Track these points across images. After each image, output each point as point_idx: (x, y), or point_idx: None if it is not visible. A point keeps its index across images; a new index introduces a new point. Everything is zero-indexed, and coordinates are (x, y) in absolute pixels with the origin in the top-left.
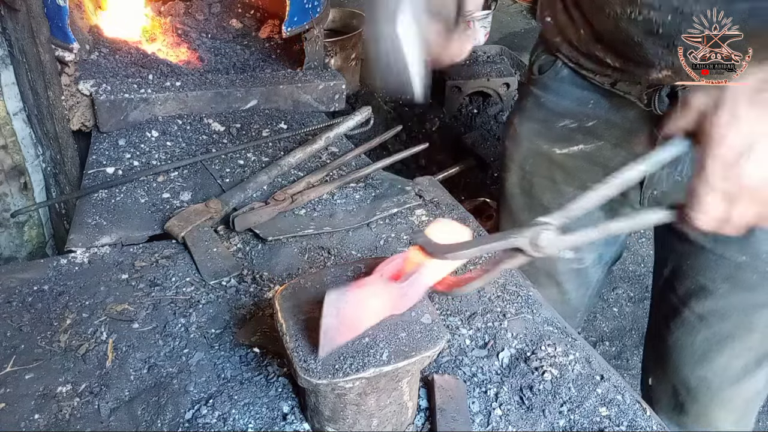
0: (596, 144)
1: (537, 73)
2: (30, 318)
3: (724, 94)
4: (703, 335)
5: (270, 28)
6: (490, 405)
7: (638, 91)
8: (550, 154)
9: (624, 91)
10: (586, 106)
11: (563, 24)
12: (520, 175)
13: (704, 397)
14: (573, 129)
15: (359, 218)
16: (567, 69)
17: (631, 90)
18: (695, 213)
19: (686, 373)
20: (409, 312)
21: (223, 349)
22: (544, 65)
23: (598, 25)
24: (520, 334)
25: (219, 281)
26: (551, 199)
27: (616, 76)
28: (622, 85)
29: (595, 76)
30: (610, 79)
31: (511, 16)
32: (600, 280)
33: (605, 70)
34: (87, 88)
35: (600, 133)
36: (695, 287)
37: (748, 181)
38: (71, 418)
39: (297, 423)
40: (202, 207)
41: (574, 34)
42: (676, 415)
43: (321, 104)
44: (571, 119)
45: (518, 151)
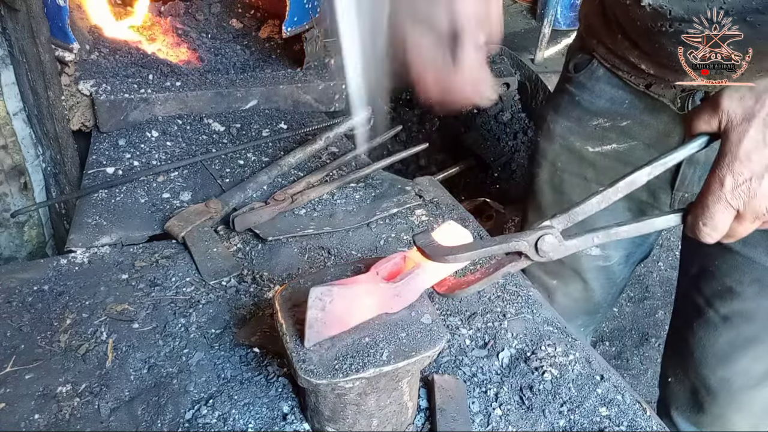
0: (629, 144)
1: (573, 72)
2: (30, 318)
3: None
4: (726, 337)
5: (270, 28)
6: (490, 405)
7: (672, 94)
8: (582, 151)
9: (658, 94)
10: (620, 106)
11: (601, 28)
12: (551, 171)
13: (724, 399)
14: (606, 128)
15: (359, 218)
16: (603, 69)
17: (666, 93)
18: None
19: (707, 374)
20: (408, 312)
21: (223, 349)
22: (580, 64)
23: (632, 34)
24: (520, 334)
25: (219, 281)
26: (581, 196)
27: (650, 79)
28: (657, 87)
29: (630, 77)
30: (645, 81)
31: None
32: (626, 278)
33: (640, 73)
34: (87, 88)
35: (633, 133)
36: (722, 288)
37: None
38: (71, 418)
39: (297, 423)
40: (202, 207)
41: (611, 38)
42: (695, 414)
43: (321, 104)
44: (605, 118)
45: (551, 148)
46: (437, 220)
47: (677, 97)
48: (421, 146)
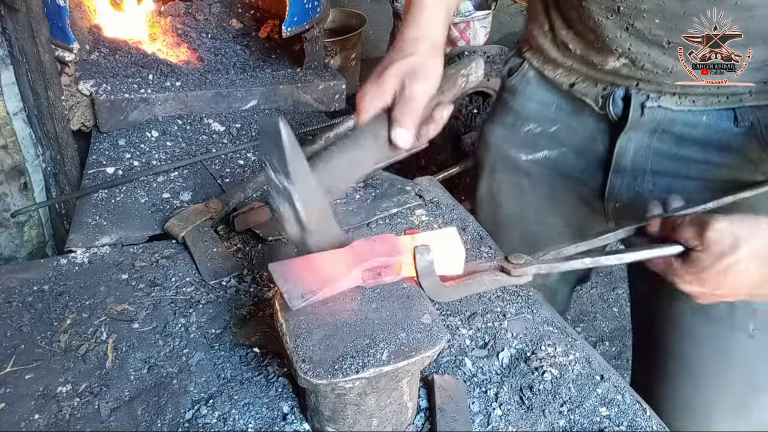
0: (560, 150)
1: (507, 75)
2: (30, 318)
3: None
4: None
5: (270, 28)
6: (490, 405)
7: (594, 93)
8: (516, 160)
9: (581, 93)
10: (549, 109)
11: (538, 11)
12: (488, 183)
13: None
14: (537, 134)
15: (359, 218)
16: (533, 70)
17: (588, 92)
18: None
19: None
20: (408, 312)
21: (223, 349)
22: (513, 68)
23: (565, 6)
24: (520, 334)
25: (219, 281)
26: (516, 209)
27: (575, 74)
28: (580, 86)
29: (556, 75)
30: (569, 79)
31: (511, 16)
32: (567, 298)
33: (566, 61)
34: (87, 88)
35: (562, 138)
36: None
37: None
38: (71, 418)
39: (297, 423)
40: (202, 207)
41: (545, 18)
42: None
43: (321, 104)
44: (536, 123)
45: (488, 158)
46: (437, 220)
47: (599, 96)
48: (422, 146)
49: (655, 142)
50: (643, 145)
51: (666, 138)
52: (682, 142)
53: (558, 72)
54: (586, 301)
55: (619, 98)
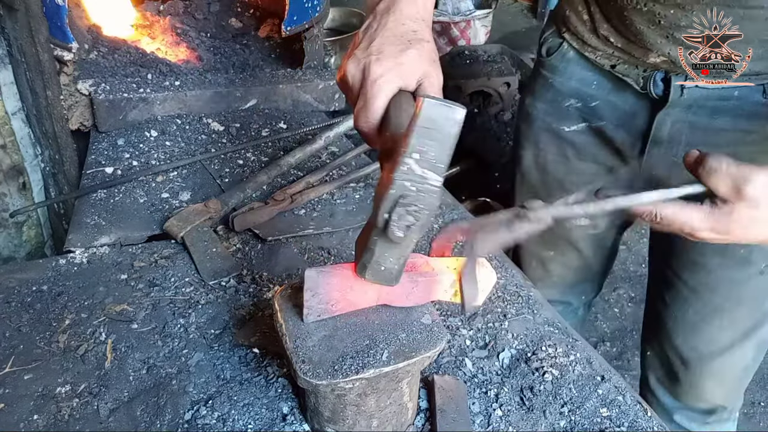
0: (600, 123)
1: (545, 55)
2: (29, 318)
3: None
4: (694, 307)
5: (269, 27)
6: (491, 406)
7: (635, 74)
8: (559, 131)
9: (622, 74)
10: (589, 86)
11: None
12: (534, 152)
13: (695, 368)
14: (578, 108)
15: (359, 218)
16: (573, 50)
17: (629, 73)
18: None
19: (679, 343)
20: (408, 313)
21: (222, 350)
22: (551, 47)
23: (605, 9)
24: (521, 335)
25: (218, 281)
26: (564, 174)
27: (615, 58)
28: (621, 67)
29: (596, 57)
30: (611, 61)
31: (511, 15)
32: (616, 242)
33: (607, 49)
34: (86, 87)
35: (602, 113)
36: (688, 261)
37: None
38: (70, 418)
39: (297, 424)
40: (202, 207)
41: (585, 10)
42: (672, 385)
43: (321, 104)
44: (576, 99)
45: (531, 130)
46: (437, 220)
47: (640, 77)
48: None
49: (691, 116)
50: (680, 119)
51: (701, 112)
52: (715, 114)
53: (598, 54)
54: None
55: (659, 80)
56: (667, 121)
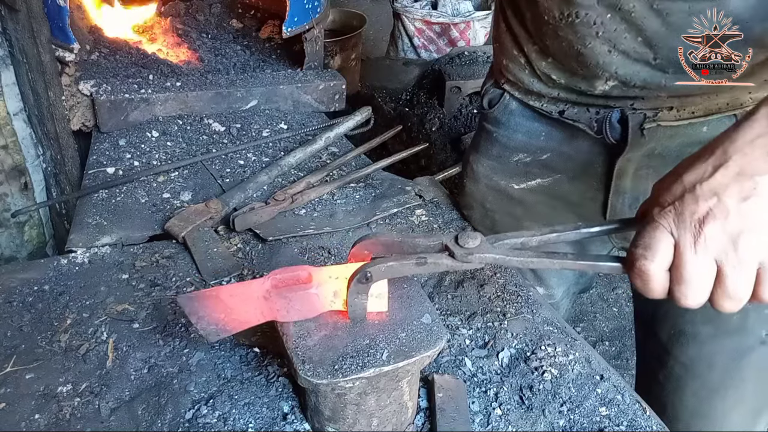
0: (553, 177)
1: (487, 107)
2: (30, 318)
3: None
4: (691, 388)
5: (270, 28)
6: (490, 405)
7: (587, 118)
8: (508, 190)
9: (573, 119)
10: (538, 138)
11: (510, 44)
12: (482, 212)
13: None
14: (528, 163)
15: (359, 218)
16: (515, 101)
17: (581, 117)
18: None
19: (683, 428)
20: (408, 312)
21: (223, 349)
22: (493, 99)
23: (540, 38)
24: (520, 334)
25: (219, 281)
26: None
27: (563, 103)
28: (571, 111)
29: (542, 105)
30: (558, 107)
31: None
32: (568, 309)
33: (552, 91)
34: (87, 88)
35: (555, 166)
36: (676, 332)
37: None
38: (72, 418)
39: (297, 423)
40: (203, 207)
41: (520, 52)
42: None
43: (321, 104)
44: (525, 153)
45: (478, 189)
46: (437, 220)
47: (593, 121)
48: (421, 146)
49: (656, 160)
50: (643, 165)
51: (667, 152)
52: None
53: (543, 101)
54: (586, 301)
55: (615, 121)
56: (629, 167)
